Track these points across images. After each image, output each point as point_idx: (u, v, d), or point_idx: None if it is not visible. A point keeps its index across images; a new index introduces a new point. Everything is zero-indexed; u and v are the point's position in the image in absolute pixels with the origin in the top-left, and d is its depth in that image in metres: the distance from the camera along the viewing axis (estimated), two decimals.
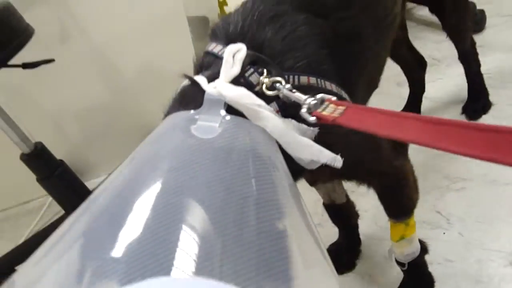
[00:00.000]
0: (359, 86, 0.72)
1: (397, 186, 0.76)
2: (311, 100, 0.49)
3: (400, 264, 0.87)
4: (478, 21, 1.57)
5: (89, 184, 1.36)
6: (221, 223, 0.34)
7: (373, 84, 0.83)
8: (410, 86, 1.36)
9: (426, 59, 1.45)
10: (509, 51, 1.48)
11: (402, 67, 1.33)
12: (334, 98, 0.49)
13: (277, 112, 0.53)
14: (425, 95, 1.38)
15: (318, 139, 0.52)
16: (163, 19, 1.43)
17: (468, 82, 1.29)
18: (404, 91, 1.39)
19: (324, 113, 0.47)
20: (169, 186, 0.37)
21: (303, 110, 0.49)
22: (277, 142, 0.50)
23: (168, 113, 0.56)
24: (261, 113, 0.49)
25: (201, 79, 0.53)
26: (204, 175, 0.39)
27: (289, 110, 0.53)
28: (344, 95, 0.63)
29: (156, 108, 1.76)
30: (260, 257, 0.32)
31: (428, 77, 1.43)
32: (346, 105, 0.46)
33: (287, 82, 0.54)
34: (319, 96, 0.49)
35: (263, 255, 0.33)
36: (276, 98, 0.53)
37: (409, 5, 1.83)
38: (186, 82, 0.58)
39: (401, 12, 1.18)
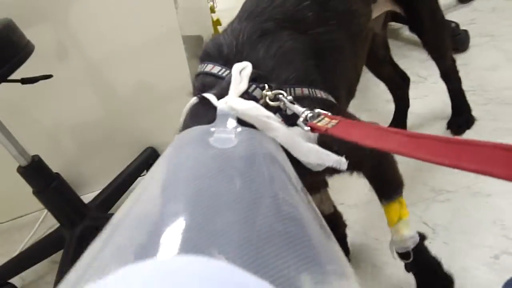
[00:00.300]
0: (341, 94, 0.77)
1: (384, 164, 0.81)
2: (308, 113, 0.54)
3: (404, 257, 0.88)
4: (462, 40, 1.62)
5: (85, 198, 1.38)
6: (255, 219, 0.37)
7: (351, 92, 0.89)
8: (395, 102, 1.41)
9: (413, 77, 1.50)
10: (492, 69, 1.53)
11: (386, 84, 1.38)
12: (329, 113, 0.54)
13: (282, 121, 0.58)
14: (411, 111, 1.43)
15: (319, 139, 0.58)
16: (159, 38, 1.47)
17: (451, 98, 1.34)
18: (393, 108, 1.44)
19: (319, 124, 0.52)
20: (202, 193, 0.39)
21: (300, 120, 0.54)
22: (285, 150, 0.54)
23: (181, 129, 0.60)
24: (270, 124, 0.54)
25: (210, 97, 0.57)
26: (232, 180, 0.41)
27: (290, 119, 0.58)
28: (331, 98, 0.69)
29: (150, 124, 1.80)
30: (293, 247, 0.35)
31: (414, 93, 1.48)
32: (339, 119, 0.51)
33: (287, 94, 0.59)
34: (316, 110, 0.54)
35: (297, 244, 0.35)
36: (278, 109, 0.58)
37: (396, 25, 1.89)
38: (193, 100, 0.62)
39: (382, 33, 1.24)
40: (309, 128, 0.53)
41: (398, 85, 1.38)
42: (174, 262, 0.25)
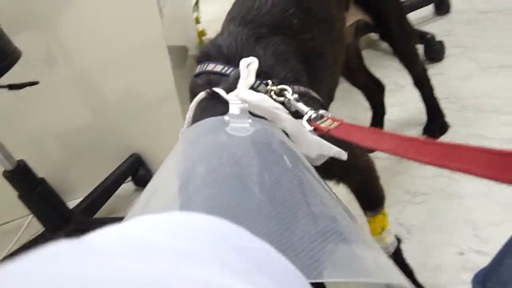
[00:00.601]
0: (323, 98, 0.81)
1: (369, 179, 0.85)
2: (312, 113, 0.57)
3: None
4: (438, 51, 1.69)
5: (70, 204, 1.39)
6: (282, 197, 0.39)
7: (331, 96, 0.93)
8: (372, 109, 1.46)
9: (392, 85, 1.56)
10: (466, 78, 1.59)
11: (362, 92, 1.43)
12: (331, 115, 0.57)
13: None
14: (389, 118, 1.48)
15: None
16: (144, 47, 1.50)
17: (425, 105, 1.39)
18: (371, 115, 1.49)
19: (322, 125, 0.55)
20: (229, 176, 0.41)
21: (304, 119, 0.57)
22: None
23: (190, 124, 0.61)
24: (280, 115, 0.56)
25: (220, 91, 0.59)
26: (257, 163, 0.43)
27: (292, 116, 0.60)
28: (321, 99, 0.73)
29: (135, 131, 1.82)
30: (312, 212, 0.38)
31: (392, 101, 1.54)
32: (340, 121, 0.54)
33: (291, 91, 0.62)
34: (320, 112, 0.57)
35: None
36: (282, 105, 0.60)
37: (375, 36, 1.95)
38: (200, 96, 0.62)
39: (354, 42, 1.29)
40: (312, 128, 0.56)
41: (373, 92, 1.44)
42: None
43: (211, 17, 2.66)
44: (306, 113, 0.58)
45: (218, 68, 0.67)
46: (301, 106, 0.59)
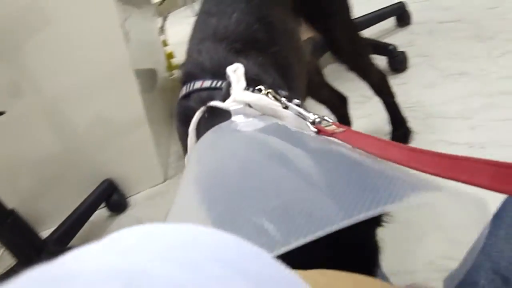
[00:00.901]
0: None
1: None
2: (316, 117, 0.57)
3: None
4: (400, 61, 1.73)
5: (43, 234, 1.38)
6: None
7: None
8: (338, 121, 1.48)
9: (358, 98, 1.59)
10: (429, 86, 1.64)
11: (327, 107, 1.46)
12: (336, 122, 0.57)
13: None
14: (357, 129, 1.50)
15: None
16: (112, 72, 1.50)
17: (388, 113, 1.42)
18: None
19: (327, 128, 0.55)
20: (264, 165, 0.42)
21: (309, 121, 0.56)
22: None
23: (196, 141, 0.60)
24: (281, 111, 0.57)
25: (217, 103, 0.59)
26: (285, 148, 0.44)
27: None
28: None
29: (106, 157, 1.81)
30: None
31: (360, 113, 1.57)
32: (346, 128, 0.54)
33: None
34: (325, 117, 0.57)
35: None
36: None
37: None
38: (198, 115, 0.61)
39: (312, 59, 1.32)
40: (316, 130, 0.55)
41: (337, 105, 1.47)
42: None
43: (178, 39, 2.68)
44: (309, 116, 0.57)
45: (207, 83, 0.66)
46: (302, 110, 0.58)
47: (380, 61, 1.75)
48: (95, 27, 1.42)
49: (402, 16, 2.05)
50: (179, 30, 2.95)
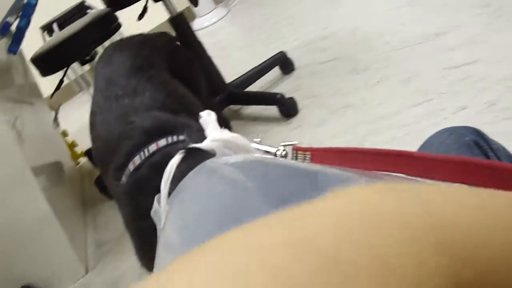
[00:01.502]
0: None
1: None
2: (281, 151, 0.59)
3: None
4: (290, 107, 1.85)
5: None
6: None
7: None
8: None
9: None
10: (320, 124, 1.76)
11: None
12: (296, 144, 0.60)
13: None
14: None
15: None
16: (9, 175, 1.47)
17: None
18: None
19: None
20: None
21: (278, 155, 0.58)
22: None
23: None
24: (253, 149, 0.60)
25: (198, 145, 0.58)
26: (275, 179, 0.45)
27: None
28: None
29: (21, 262, 1.73)
30: None
31: None
32: (310, 149, 0.57)
33: None
34: (288, 147, 0.59)
35: None
36: None
37: (236, 107, 2.10)
38: (174, 161, 0.56)
39: (220, 114, 1.39)
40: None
41: None
42: None
43: (78, 127, 2.66)
44: (276, 151, 0.59)
45: (163, 142, 0.63)
46: (267, 147, 0.60)
47: (272, 110, 1.86)
48: None
49: (285, 64, 2.20)
50: (77, 117, 2.94)
